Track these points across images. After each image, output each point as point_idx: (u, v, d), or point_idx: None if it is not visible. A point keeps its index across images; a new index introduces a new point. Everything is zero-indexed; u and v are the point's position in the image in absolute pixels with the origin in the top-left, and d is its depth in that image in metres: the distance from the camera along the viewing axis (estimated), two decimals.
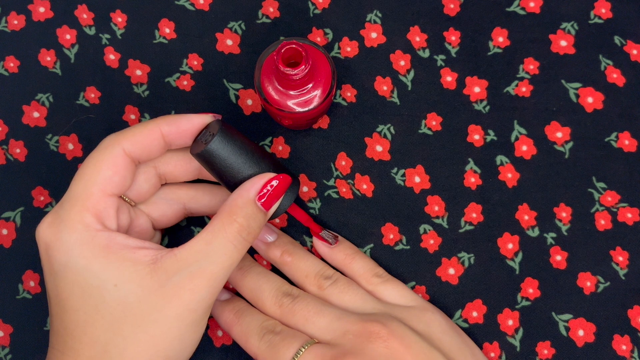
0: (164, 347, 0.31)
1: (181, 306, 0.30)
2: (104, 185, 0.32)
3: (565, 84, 0.40)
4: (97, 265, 0.30)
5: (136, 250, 0.31)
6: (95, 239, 0.31)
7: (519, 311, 0.38)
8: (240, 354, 0.38)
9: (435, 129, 0.40)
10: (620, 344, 0.37)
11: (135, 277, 0.30)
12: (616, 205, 0.39)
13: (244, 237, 0.32)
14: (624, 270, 0.38)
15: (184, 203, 0.37)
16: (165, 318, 0.30)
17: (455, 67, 0.40)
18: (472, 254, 0.39)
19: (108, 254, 0.30)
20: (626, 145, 0.39)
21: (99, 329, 0.30)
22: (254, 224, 0.32)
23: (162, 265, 0.31)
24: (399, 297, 0.36)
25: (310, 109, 0.36)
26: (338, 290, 0.36)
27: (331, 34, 0.41)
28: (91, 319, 0.30)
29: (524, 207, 0.39)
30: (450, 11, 0.41)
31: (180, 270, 0.30)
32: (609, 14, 0.40)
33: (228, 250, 0.31)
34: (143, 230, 0.35)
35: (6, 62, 0.41)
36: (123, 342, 0.30)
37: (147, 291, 0.30)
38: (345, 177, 0.40)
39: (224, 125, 0.33)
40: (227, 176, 0.33)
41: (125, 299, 0.30)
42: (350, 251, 0.38)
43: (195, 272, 0.30)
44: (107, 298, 0.30)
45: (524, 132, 0.39)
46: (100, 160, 0.32)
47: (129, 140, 0.33)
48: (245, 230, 0.32)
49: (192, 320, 0.31)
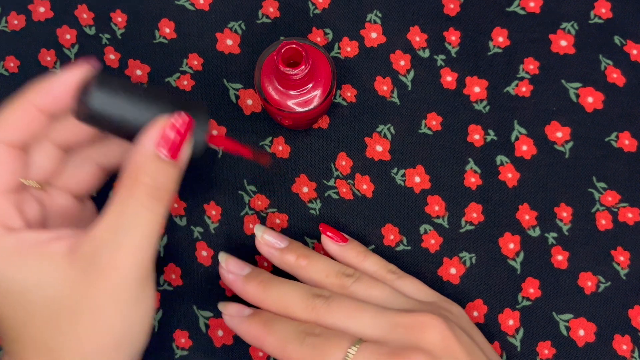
0: (108, 332, 0.29)
1: (111, 287, 0.28)
2: (3, 187, 0.29)
3: (565, 83, 0.40)
4: (11, 271, 0.28)
5: (50, 244, 0.29)
6: (2, 245, 0.29)
7: (520, 311, 0.38)
8: (241, 354, 0.38)
9: (435, 129, 0.40)
10: (621, 344, 0.37)
11: (55, 272, 0.28)
12: (617, 205, 0.39)
13: (157, 197, 0.29)
14: (625, 270, 0.38)
15: (96, 163, 0.33)
16: (99, 304, 0.28)
17: (455, 67, 0.40)
18: (474, 254, 0.38)
19: (20, 256, 0.28)
20: (626, 145, 0.39)
21: (36, 330, 0.28)
22: (164, 179, 0.29)
23: (80, 251, 0.28)
24: (417, 292, 0.35)
25: (310, 109, 0.36)
26: (364, 286, 0.34)
27: (331, 34, 0.41)
28: (25, 322, 0.29)
29: (524, 207, 0.39)
30: (450, 11, 0.41)
31: (99, 251, 0.28)
32: (609, 13, 0.40)
33: (143, 216, 0.28)
34: (65, 209, 0.33)
35: (6, 62, 0.41)
36: (64, 338, 0.28)
37: (71, 283, 0.28)
38: (345, 177, 0.40)
39: (100, 76, 0.29)
40: (123, 132, 0.29)
41: (52, 296, 0.28)
42: (361, 249, 0.37)
43: (115, 250, 0.28)
44: (33, 299, 0.28)
45: (524, 132, 0.39)
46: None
47: (10, 131, 0.29)
48: (155, 189, 0.28)
49: (129, 296, 0.29)
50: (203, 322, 0.39)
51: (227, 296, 0.39)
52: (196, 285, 0.39)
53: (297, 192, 0.40)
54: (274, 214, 0.39)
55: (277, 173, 0.38)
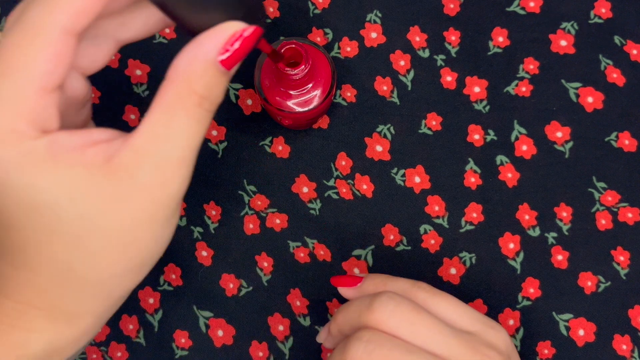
0: (138, 253, 0.27)
1: (152, 206, 0.26)
2: (44, 82, 0.25)
3: (565, 83, 0.40)
4: (43, 180, 0.25)
5: (86, 150, 0.25)
6: (35, 150, 0.25)
7: (520, 311, 0.38)
8: (241, 354, 0.38)
9: (435, 129, 0.40)
10: (621, 344, 0.37)
11: (91, 185, 0.25)
12: (616, 205, 0.39)
13: (207, 108, 0.26)
14: (625, 270, 0.38)
15: (114, 36, 0.29)
16: (137, 223, 0.26)
17: (455, 67, 0.40)
18: (474, 254, 0.38)
19: (54, 164, 0.25)
20: (626, 145, 0.39)
21: (58, 248, 0.25)
22: (217, 90, 0.26)
23: (120, 162, 0.25)
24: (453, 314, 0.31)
25: (310, 109, 0.36)
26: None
27: (331, 34, 0.41)
28: (46, 238, 0.25)
29: (524, 206, 0.39)
30: (450, 11, 0.41)
31: (143, 165, 0.25)
32: (609, 13, 0.40)
33: (192, 128, 0.26)
34: (78, 95, 0.29)
35: None
36: (89, 258, 0.26)
37: (109, 199, 0.25)
38: (345, 177, 0.40)
39: None
40: (188, 19, 0.26)
41: (85, 213, 0.25)
42: (378, 280, 0.33)
43: (161, 164, 0.25)
44: (64, 216, 0.25)
45: (524, 132, 0.39)
46: (33, 51, 0.25)
47: (66, 14, 0.25)
48: (208, 101, 0.26)
49: (166, 216, 0.26)
50: (203, 322, 0.39)
51: (227, 296, 0.39)
52: (196, 285, 0.39)
53: (297, 192, 0.40)
54: (274, 214, 0.39)
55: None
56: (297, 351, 0.38)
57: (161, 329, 0.39)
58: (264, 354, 0.38)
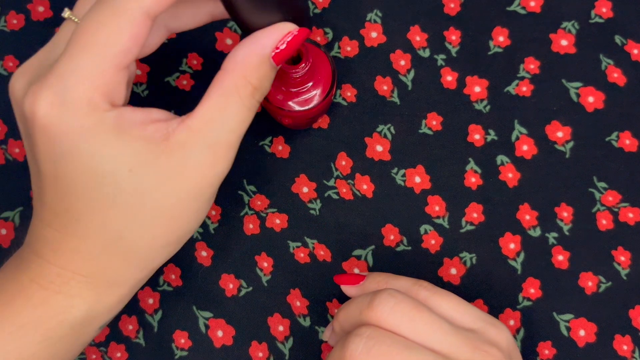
0: (180, 227, 0.29)
1: (201, 184, 0.28)
2: (120, 59, 0.27)
3: (565, 83, 0.40)
4: (109, 150, 0.27)
5: (147, 126, 0.27)
6: (104, 121, 0.27)
7: (520, 311, 0.38)
8: (241, 354, 0.38)
9: (435, 129, 0.40)
10: (622, 344, 0.37)
11: (150, 158, 0.27)
12: (617, 205, 0.39)
13: (257, 99, 0.29)
14: (626, 270, 0.38)
15: (165, 25, 0.32)
16: (185, 198, 0.28)
17: (455, 67, 0.40)
18: (474, 254, 0.38)
19: (119, 135, 0.27)
20: (627, 145, 0.39)
21: (113, 217, 0.27)
22: (267, 83, 0.29)
23: (176, 140, 0.27)
24: (455, 312, 0.31)
25: (310, 108, 0.35)
26: None
27: (331, 33, 0.41)
28: (102, 206, 0.27)
29: (525, 206, 0.39)
30: (451, 10, 0.41)
31: (197, 144, 0.27)
32: (609, 13, 0.40)
33: (244, 115, 0.28)
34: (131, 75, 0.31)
35: (5, 61, 0.41)
36: (139, 229, 0.28)
37: (164, 173, 0.27)
38: (345, 177, 0.39)
39: None
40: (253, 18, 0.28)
41: (142, 184, 0.27)
42: (380, 278, 0.34)
43: (213, 145, 0.28)
44: (123, 185, 0.27)
45: (524, 132, 0.39)
46: (118, 29, 0.26)
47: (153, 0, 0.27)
48: (259, 92, 0.29)
49: (210, 194, 0.29)
50: (203, 323, 0.38)
51: (227, 296, 0.39)
52: (196, 285, 0.39)
53: (297, 192, 0.39)
54: (274, 214, 0.39)
55: None
56: (297, 351, 0.38)
57: (161, 329, 0.39)
58: (264, 354, 0.38)
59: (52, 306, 0.28)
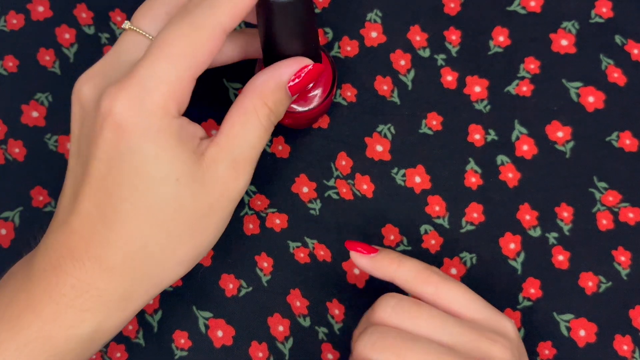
0: (201, 243, 0.30)
1: (226, 196, 0.30)
2: (196, 70, 0.29)
3: (566, 83, 0.40)
4: (167, 156, 0.28)
5: (196, 140, 0.30)
6: (171, 127, 0.28)
7: (521, 311, 0.38)
8: (241, 354, 0.38)
9: (435, 129, 0.40)
10: (622, 344, 0.37)
11: (193, 171, 0.29)
12: (617, 205, 0.38)
13: (272, 120, 0.31)
14: (626, 271, 0.38)
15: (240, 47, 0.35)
16: (209, 213, 0.30)
17: (455, 67, 0.40)
18: (474, 254, 0.38)
19: (179, 144, 0.28)
20: (627, 144, 0.39)
21: (144, 225, 0.28)
22: (281, 108, 0.31)
23: (209, 154, 0.29)
24: (462, 302, 0.31)
25: (311, 108, 0.35)
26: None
27: (331, 33, 0.41)
28: (138, 213, 0.28)
29: (525, 206, 0.39)
30: (451, 10, 0.41)
31: (224, 159, 0.30)
32: (609, 13, 0.40)
33: (261, 133, 0.31)
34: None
35: (5, 61, 0.41)
36: (164, 240, 0.29)
37: (199, 186, 0.29)
38: (345, 177, 0.39)
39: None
40: (282, 43, 0.31)
41: (181, 195, 0.29)
42: (394, 255, 0.33)
43: (236, 159, 0.30)
44: (166, 193, 0.28)
45: (524, 132, 0.39)
46: (198, 42, 0.28)
47: (229, 17, 0.29)
48: (274, 114, 0.31)
49: (230, 210, 0.31)
50: (202, 323, 0.38)
51: (227, 296, 0.39)
52: (196, 285, 0.39)
53: (297, 192, 0.39)
54: (274, 214, 0.39)
55: None
56: (297, 352, 0.38)
57: (160, 329, 0.39)
58: (264, 354, 0.38)
59: (62, 321, 0.28)
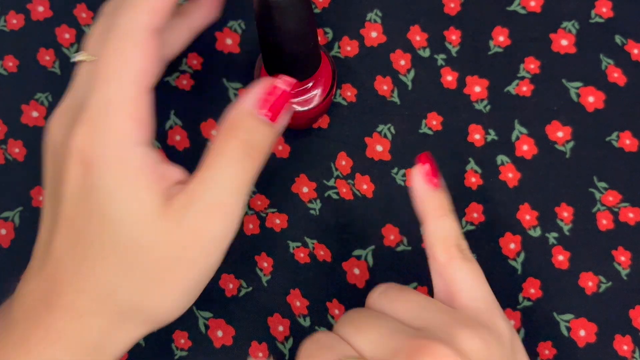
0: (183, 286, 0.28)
1: (199, 243, 0.27)
2: (142, 81, 0.27)
3: (566, 83, 0.40)
4: (125, 192, 0.26)
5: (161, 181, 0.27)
6: (131, 157, 0.26)
7: (521, 311, 0.38)
8: (241, 354, 0.38)
9: (435, 129, 0.40)
10: (622, 344, 0.37)
11: (155, 213, 0.26)
12: (617, 205, 0.38)
13: (249, 153, 0.28)
14: (626, 271, 0.38)
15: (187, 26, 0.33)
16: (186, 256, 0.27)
17: (455, 67, 0.40)
18: (474, 254, 0.38)
19: (138, 178, 0.26)
20: (627, 144, 0.39)
21: (111, 269, 0.26)
22: (259, 137, 0.28)
23: (176, 201, 0.27)
24: (469, 287, 0.30)
25: (310, 108, 0.35)
26: (389, 299, 0.30)
27: (331, 33, 0.41)
28: (106, 255, 0.26)
29: (525, 206, 0.39)
30: (451, 10, 0.41)
31: (191, 207, 0.27)
32: (609, 13, 0.40)
33: (234, 171, 0.27)
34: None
35: (5, 61, 0.41)
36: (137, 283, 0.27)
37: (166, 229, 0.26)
38: (345, 177, 0.39)
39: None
40: (281, 43, 0.29)
41: (147, 236, 0.26)
42: (445, 203, 0.31)
43: (206, 206, 0.27)
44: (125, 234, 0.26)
45: (524, 132, 0.39)
46: (129, 53, 0.26)
47: (146, 13, 0.27)
48: (249, 145, 0.27)
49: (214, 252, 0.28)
50: (202, 323, 0.38)
51: (227, 296, 0.39)
52: None
53: (297, 192, 0.39)
54: (274, 214, 0.39)
55: None
56: (297, 352, 0.38)
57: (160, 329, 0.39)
58: (264, 354, 0.38)
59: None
